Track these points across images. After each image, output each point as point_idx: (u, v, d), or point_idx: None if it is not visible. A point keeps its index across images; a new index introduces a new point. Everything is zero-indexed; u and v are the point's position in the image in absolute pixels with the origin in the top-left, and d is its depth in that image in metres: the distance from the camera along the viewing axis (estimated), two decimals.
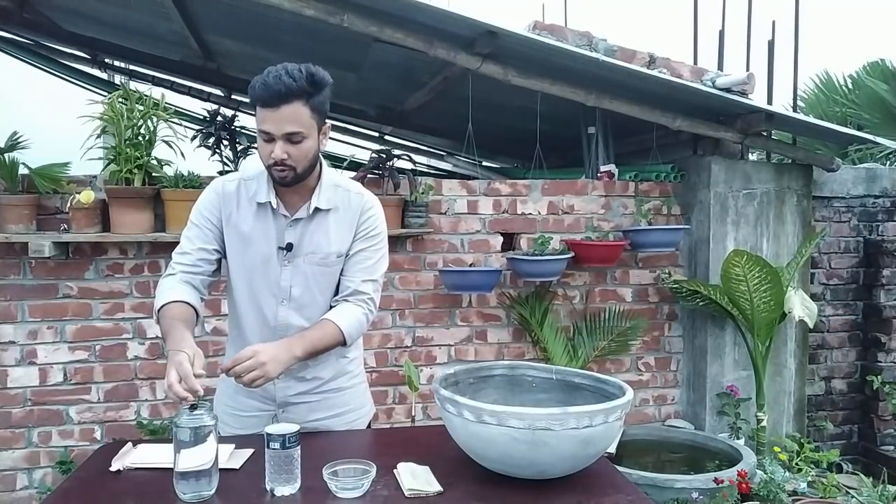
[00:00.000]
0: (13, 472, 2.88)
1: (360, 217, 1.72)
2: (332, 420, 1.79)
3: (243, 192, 1.68)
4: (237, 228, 1.67)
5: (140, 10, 3.47)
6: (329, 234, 1.69)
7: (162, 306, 1.61)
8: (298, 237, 1.67)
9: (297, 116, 1.52)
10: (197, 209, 1.71)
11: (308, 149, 1.57)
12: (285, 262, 1.67)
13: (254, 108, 1.56)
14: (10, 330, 2.84)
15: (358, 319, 1.71)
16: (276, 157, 1.53)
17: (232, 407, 1.78)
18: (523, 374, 1.75)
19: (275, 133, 1.52)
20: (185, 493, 1.33)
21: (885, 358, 3.67)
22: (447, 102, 3.69)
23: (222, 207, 1.68)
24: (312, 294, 1.70)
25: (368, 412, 1.90)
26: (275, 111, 1.50)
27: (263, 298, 1.69)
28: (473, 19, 2.58)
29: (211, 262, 1.70)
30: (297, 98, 1.51)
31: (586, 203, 3.36)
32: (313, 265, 1.68)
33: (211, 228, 1.68)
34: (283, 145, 1.53)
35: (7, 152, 2.77)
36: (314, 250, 1.68)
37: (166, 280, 1.67)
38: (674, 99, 3.11)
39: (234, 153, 3.10)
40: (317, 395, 1.76)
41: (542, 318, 3.24)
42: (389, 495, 1.37)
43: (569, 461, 1.39)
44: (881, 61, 5.59)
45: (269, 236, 1.67)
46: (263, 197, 1.66)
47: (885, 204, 3.78)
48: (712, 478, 2.66)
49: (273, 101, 1.50)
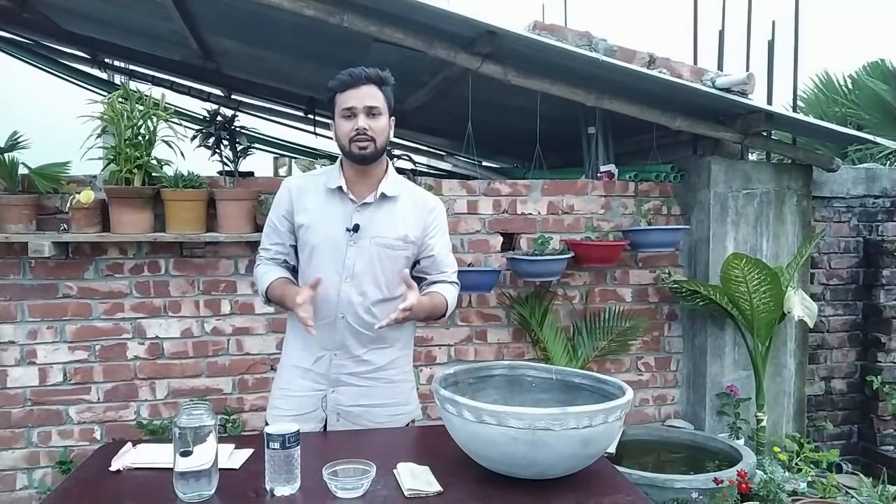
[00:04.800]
0: (13, 472, 2.88)
1: (427, 214, 1.92)
2: (377, 409, 1.89)
3: (312, 184, 1.91)
4: (308, 212, 1.87)
5: (140, 10, 3.47)
6: (395, 220, 1.87)
7: (267, 288, 1.89)
8: (366, 220, 1.84)
9: (375, 94, 1.80)
10: (272, 207, 1.94)
11: (384, 125, 1.81)
12: (351, 243, 1.83)
13: (331, 103, 1.83)
14: (9, 330, 2.84)
15: (454, 296, 1.97)
16: (360, 126, 1.76)
17: (285, 390, 1.91)
18: (523, 374, 1.75)
19: (357, 106, 1.77)
20: (185, 493, 1.33)
21: (884, 358, 3.66)
22: (447, 102, 3.69)
23: (294, 199, 1.89)
24: (374, 274, 1.84)
25: (413, 410, 1.99)
26: (357, 89, 1.77)
27: (329, 275, 1.82)
28: (473, 19, 2.58)
29: (287, 253, 1.94)
30: (374, 83, 1.80)
31: (586, 203, 3.36)
32: (378, 247, 1.84)
33: (284, 224, 1.90)
34: (364, 118, 1.77)
35: (7, 152, 2.77)
36: (380, 234, 1.85)
37: (258, 268, 1.95)
38: (674, 99, 3.11)
39: (234, 153, 3.10)
40: (367, 381, 1.88)
41: (541, 318, 3.23)
42: (389, 495, 1.37)
43: (569, 461, 1.39)
44: (881, 61, 5.59)
45: (338, 218, 1.85)
46: (335, 182, 1.86)
47: (885, 204, 3.78)
48: (712, 478, 2.66)
49: (357, 81, 1.77)
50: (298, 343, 1.90)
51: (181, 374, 3.00)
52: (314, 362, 1.87)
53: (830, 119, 5.43)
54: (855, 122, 5.50)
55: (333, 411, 1.86)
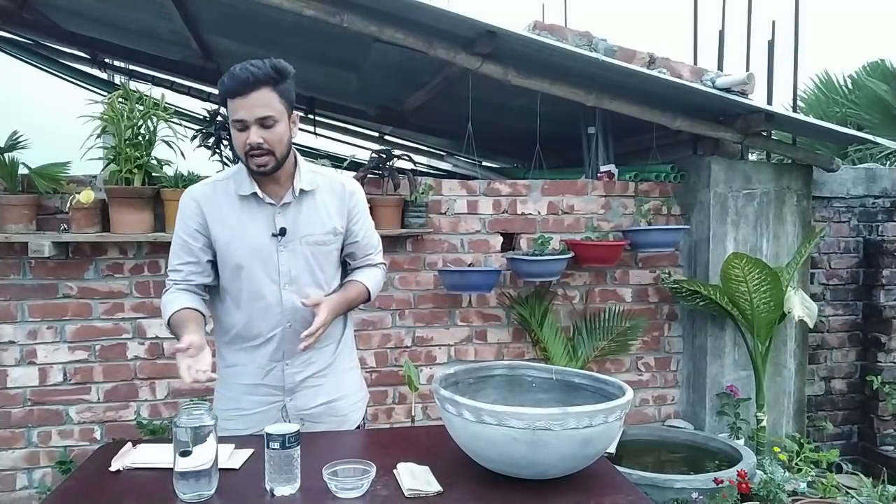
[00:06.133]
0: (13, 472, 2.88)
1: (348, 200, 1.81)
2: (337, 403, 1.85)
3: (221, 192, 1.74)
4: (224, 224, 1.71)
5: (140, 10, 3.47)
6: (319, 215, 1.76)
7: (169, 319, 1.69)
8: (290, 222, 1.73)
9: (267, 101, 1.60)
10: (178, 222, 1.75)
11: (281, 133, 1.64)
12: (281, 248, 1.73)
13: (225, 106, 1.64)
14: (9, 330, 2.84)
15: (378, 278, 1.91)
16: (253, 141, 1.60)
17: (235, 409, 1.80)
18: (523, 374, 1.75)
19: (248, 119, 1.59)
20: (185, 493, 1.33)
21: (884, 358, 3.66)
22: (447, 102, 3.69)
23: (204, 211, 1.72)
24: (313, 274, 1.76)
25: (365, 396, 2.00)
26: (245, 98, 1.58)
27: (265, 286, 1.73)
28: (473, 19, 2.58)
29: (202, 272, 1.75)
30: (264, 84, 1.59)
31: (586, 203, 3.36)
32: (310, 245, 1.75)
33: (196, 238, 1.73)
34: (257, 130, 1.60)
35: (7, 152, 2.77)
36: (308, 232, 1.74)
37: (165, 295, 1.75)
38: (674, 99, 3.11)
39: (234, 153, 3.10)
40: (320, 379, 1.83)
41: (541, 318, 3.24)
42: (389, 495, 1.37)
43: (569, 461, 1.39)
44: (881, 61, 5.60)
45: (260, 225, 1.72)
46: (246, 189, 1.71)
47: (885, 204, 3.78)
48: (712, 478, 2.66)
49: (242, 88, 1.58)
50: (239, 360, 1.79)
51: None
52: (265, 376, 1.77)
53: (830, 119, 5.42)
54: (855, 122, 5.50)
55: (296, 417, 1.78)
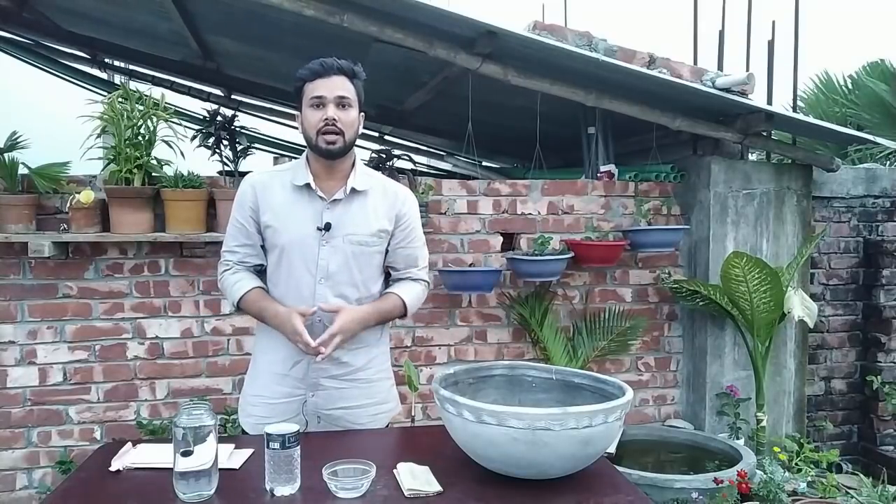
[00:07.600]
0: (13, 472, 2.88)
1: (399, 206, 1.84)
2: (357, 410, 1.85)
3: (277, 181, 1.80)
4: (274, 211, 1.77)
5: (140, 10, 3.47)
6: (367, 216, 1.79)
7: (240, 299, 1.79)
8: (337, 218, 1.76)
9: (347, 85, 1.73)
10: (235, 205, 1.83)
11: (353, 118, 1.74)
12: (323, 242, 1.76)
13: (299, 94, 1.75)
14: (9, 330, 2.84)
15: (417, 294, 1.90)
16: (329, 116, 1.69)
17: (261, 397, 1.83)
18: (523, 374, 1.75)
19: (327, 95, 1.70)
20: (185, 493, 1.33)
21: (884, 358, 3.66)
22: (447, 102, 3.69)
23: (258, 197, 1.79)
24: (350, 273, 1.78)
25: (393, 409, 1.96)
26: (327, 79, 1.71)
27: (302, 278, 1.76)
28: (473, 19, 2.58)
29: (256, 254, 1.84)
30: (346, 74, 1.73)
31: (586, 203, 3.36)
32: (352, 245, 1.77)
33: (249, 222, 1.81)
34: (334, 108, 1.70)
35: (7, 152, 2.77)
36: (353, 231, 1.77)
37: (227, 276, 1.83)
38: (674, 99, 3.11)
39: (234, 153, 3.10)
40: (346, 382, 1.82)
41: (541, 318, 3.23)
42: (389, 495, 1.37)
43: (569, 461, 1.39)
44: (881, 61, 5.60)
45: (307, 217, 1.76)
46: (302, 179, 1.77)
47: (885, 204, 3.78)
48: (712, 478, 2.66)
49: (328, 71, 1.71)
50: (273, 348, 1.81)
51: (181, 373, 3.00)
52: (291, 367, 1.79)
53: (830, 119, 5.42)
54: (855, 122, 5.50)
55: (313, 415, 1.81)
